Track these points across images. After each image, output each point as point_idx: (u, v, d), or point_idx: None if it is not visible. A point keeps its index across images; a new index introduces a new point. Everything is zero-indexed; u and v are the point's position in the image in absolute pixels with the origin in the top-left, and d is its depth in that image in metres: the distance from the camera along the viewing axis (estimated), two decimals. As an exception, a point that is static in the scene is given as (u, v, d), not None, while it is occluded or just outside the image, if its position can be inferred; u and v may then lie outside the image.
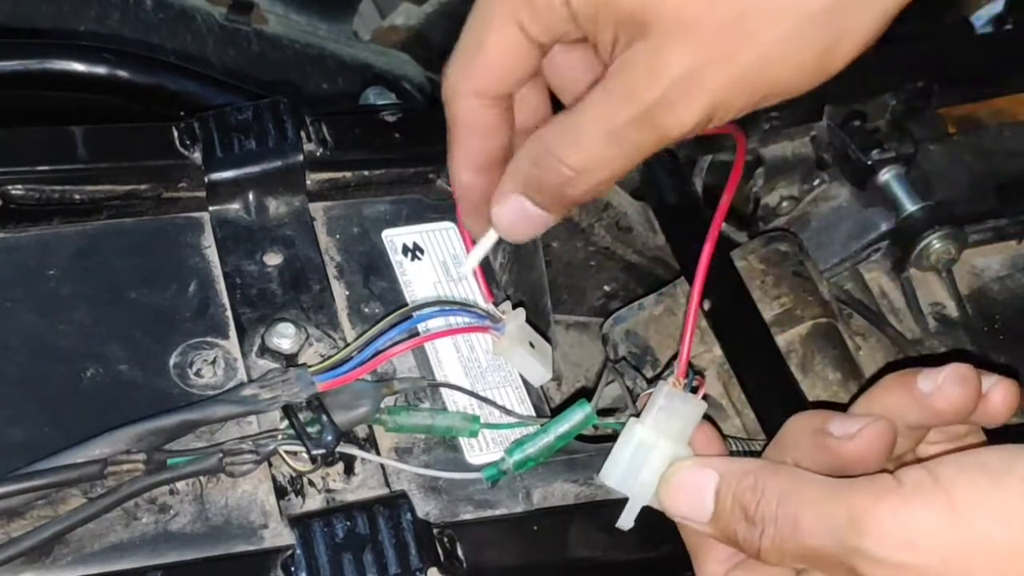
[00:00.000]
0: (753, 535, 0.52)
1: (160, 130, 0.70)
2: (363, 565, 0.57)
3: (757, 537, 0.52)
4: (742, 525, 0.52)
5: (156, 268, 0.67)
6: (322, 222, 0.71)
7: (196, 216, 0.70)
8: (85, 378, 0.62)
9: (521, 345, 0.65)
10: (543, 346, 0.67)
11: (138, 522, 0.58)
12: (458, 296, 0.68)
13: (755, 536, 0.52)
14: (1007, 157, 0.82)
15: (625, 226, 0.77)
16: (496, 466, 0.62)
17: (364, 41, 1.12)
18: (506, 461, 0.62)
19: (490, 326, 0.66)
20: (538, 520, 0.62)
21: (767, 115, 0.77)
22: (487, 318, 0.66)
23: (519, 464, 0.62)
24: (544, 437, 0.62)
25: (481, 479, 0.62)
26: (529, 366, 0.66)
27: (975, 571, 0.46)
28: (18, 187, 0.67)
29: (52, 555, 0.57)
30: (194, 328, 0.65)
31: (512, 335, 0.65)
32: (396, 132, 0.74)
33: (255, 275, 0.67)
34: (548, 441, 0.62)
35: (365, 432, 0.63)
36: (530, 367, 0.66)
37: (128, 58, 0.86)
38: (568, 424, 0.62)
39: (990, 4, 1.12)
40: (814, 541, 0.49)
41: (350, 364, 0.62)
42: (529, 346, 0.66)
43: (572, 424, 0.62)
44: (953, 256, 0.77)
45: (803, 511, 0.50)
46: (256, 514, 0.60)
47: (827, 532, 0.49)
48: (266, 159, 0.70)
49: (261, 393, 0.60)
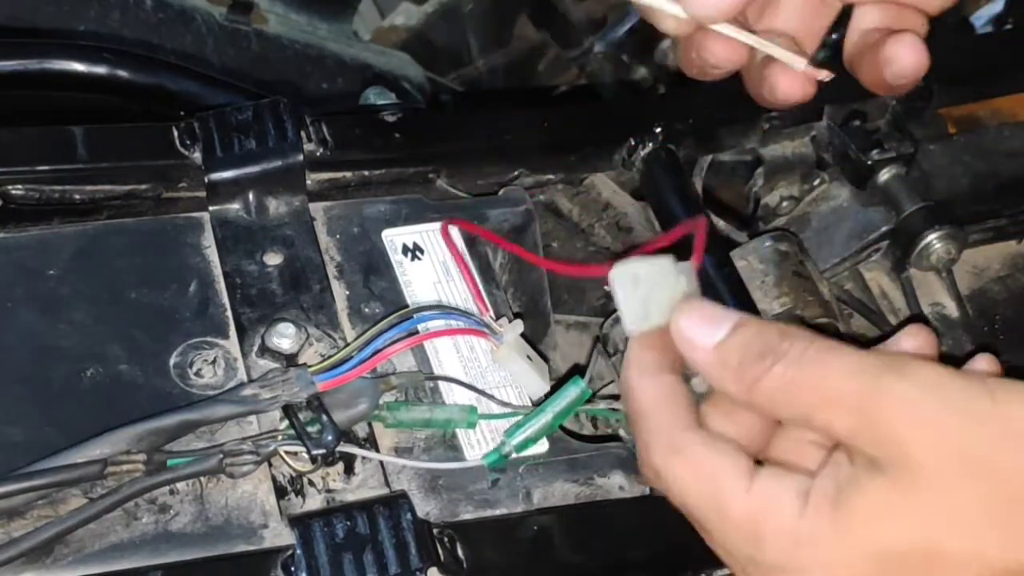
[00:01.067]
0: (758, 368, 0.49)
1: (160, 130, 0.71)
2: (363, 565, 0.57)
3: (762, 370, 0.49)
4: (751, 355, 0.50)
5: (156, 268, 0.67)
6: (322, 222, 0.71)
7: (196, 216, 0.70)
8: (85, 378, 0.62)
9: (520, 355, 0.65)
10: (540, 362, 0.67)
11: (138, 522, 0.58)
12: (458, 297, 0.68)
13: (760, 369, 0.49)
14: (1007, 157, 0.82)
15: (625, 226, 0.77)
16: (498, 451, 0.62)
17: (364, 41, 1.12)
18: (507, 444, 0.62)
19: (489, 332, 0.66)
20: (538, 520, 0.62)
21: (767, 115, 0.77)
22: (486, 325, 0.66)
23: (520, 446, 0.62)
24: (541, 416, 0.63)
25: (482, 478, 0.62)
26: (528, 376, 0.66)
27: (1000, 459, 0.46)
28: (18, 187, 0.67)
29: (52, 555, 0.57)
30: (194, 328, 0.65)
31: (511, 344, 0.65)
32: (396, 132, 0.74)
33: (255, 275, 0.67)
34: (546, 420, 0.62)
35: (365, 432, 0.63)
36: (529, 378, 0.66)
37: (128, 58, 0.86)
38: (564, 401, 0.62)
39: (990, 4, 1.12)
40: (837, 380, 0.48)
41: (350, 363, 0.62)
42: (527, 358, 0.66)
43: (568, 401, 0.62)
44: (953, 256, 0.77)
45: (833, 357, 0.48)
46: (256, 514, 0.60)
47: (857, 371, 0.47)
48: (266, 159, 0.70)
49: (261, 393, 0.60)
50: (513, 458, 0.63)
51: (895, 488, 0.46)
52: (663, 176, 0.76)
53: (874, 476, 0.47)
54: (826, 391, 0.48)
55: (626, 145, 0.76)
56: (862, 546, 0.47)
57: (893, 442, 0.46)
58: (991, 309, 0.80)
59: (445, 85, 1.14)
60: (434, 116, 0.64)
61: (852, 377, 0.47)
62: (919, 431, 0.46)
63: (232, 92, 0.86)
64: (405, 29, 1.13)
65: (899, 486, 0.46)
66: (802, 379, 0.49)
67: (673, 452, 0.51)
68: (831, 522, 0.48)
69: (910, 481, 0.46)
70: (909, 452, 0.46)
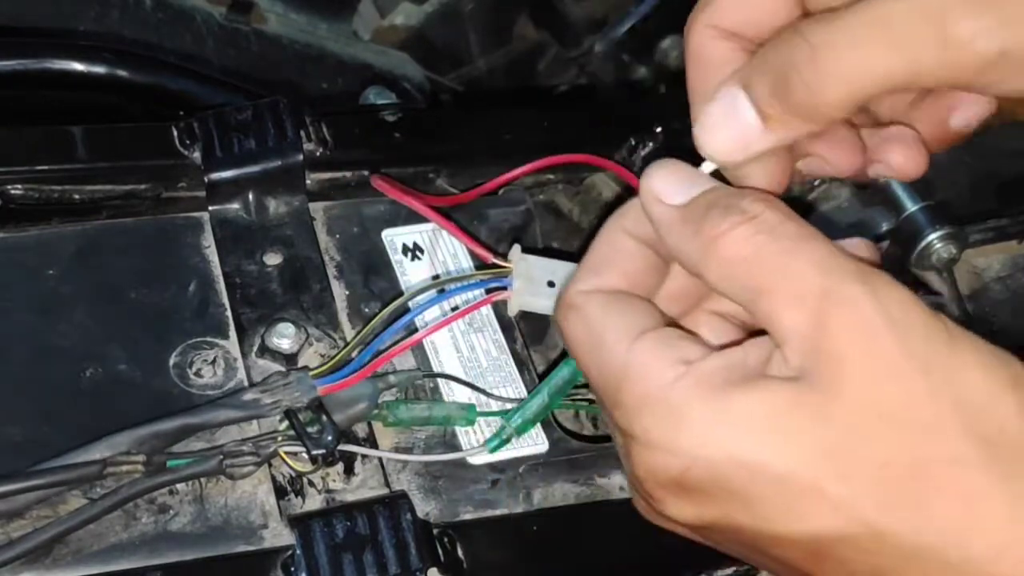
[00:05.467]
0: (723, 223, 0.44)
1: (160, 130, 0.70)
2: (363, 565, 0.57)
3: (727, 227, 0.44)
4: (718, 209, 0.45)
5: (156, 268, 0.67)
6: (322, 222, 0.71)
7: (196, 216, 0.69)
8: (85, 378, 0.62)
9: (535, 293, 0.65)
10: (566, 272, 0.65)
11: (138, 522, 0.58)
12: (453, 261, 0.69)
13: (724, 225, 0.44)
14: (1007, 157, 0.82)
15: (625, 226, 0.77)
16: (498, 435, 0.63)
17: (364, 41, 1.12)
18: (507, 428, 0.62)
19: (496, 290, 0.66)
20: (538, 520, 0.62)
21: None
22: (489, 283, 0.66)
23: (520, 428, 0.62)
24: (538, 398, 0.63)
25: (482, 479, 0.62)
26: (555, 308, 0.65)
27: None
28: (18, 187, 0.67)
29: (52, 555, 0.57)
30: (194, 328, 0.65)
31: (522, 287, 0.65)
32: (396, 132, 0.74)
33: (255, 275, 0.67)
34: (543, 401, 0.63)
35: (365, 432, 0.63)
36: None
37: (128, 58, 0.86)
38: (559, 381, 0.63)
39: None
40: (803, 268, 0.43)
41: (351, 367, 0.62)
42: (547, 286, 0.65)
43: (563, 380, 0.63)
44: (953, 256, 0.77)
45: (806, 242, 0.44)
46: (256, 514, 0.60)
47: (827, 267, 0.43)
48: (266, 159, 0.70)
49: (263, 398, 0.61)
50: (513, 458, 0.63)
51: (800, 405, 0.42)
52: (663, 176, 0.76)
53: (786, 382, 0.42)
54: (788, 277, 0.43)
55: (626, 145, 0.76)
56: (726, 445, 0.42)
57: (830, 358, 0.42)
58: (991, 309, 0.80)
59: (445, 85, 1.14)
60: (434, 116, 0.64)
61: (821, 273, 0.42)
62: (863, 361, 0.41)
63: (232, 92, 0.86)
64: (405, 29, 1.13)
65: (805, 405, 0.42)
66: (767, 253, 0.43)
67: (570, 308, 0.48)
68: (703, 403, 0.43)
69: (820, 405, 0.41)
70: (839, 375, 0.41)
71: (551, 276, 0.65)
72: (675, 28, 1.11)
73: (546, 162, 0.72)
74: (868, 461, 0.41)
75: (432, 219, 0.68)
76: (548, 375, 0.64)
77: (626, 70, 1.16)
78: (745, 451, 0.42)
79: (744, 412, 0.42)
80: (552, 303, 0.65)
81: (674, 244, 0.46)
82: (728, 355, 0.44)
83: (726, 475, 0.43)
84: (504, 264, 0.66)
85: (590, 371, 0.47)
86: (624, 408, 0.45)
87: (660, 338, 0.46)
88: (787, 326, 0.43)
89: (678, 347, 0.45)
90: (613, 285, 0.48)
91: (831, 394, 0.42)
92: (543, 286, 0.65)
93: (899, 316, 0.42)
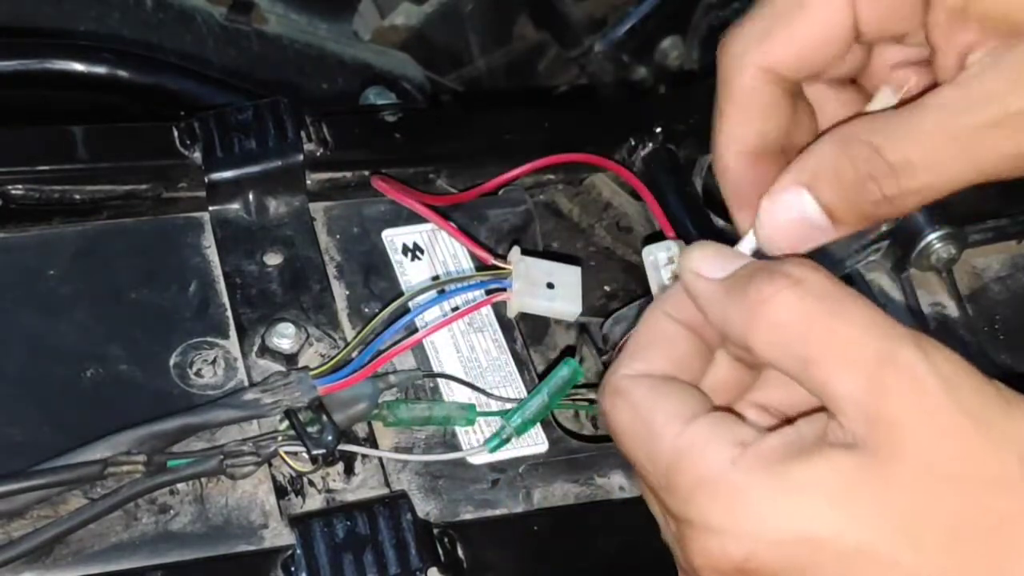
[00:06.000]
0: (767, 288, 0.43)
1: (160, 130, 0.71)
2: (363, 565, 0.57)
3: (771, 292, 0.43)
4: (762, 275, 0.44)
5: (156, 268, 0.67)
6: (322, 222, 0.71)
7: (196, 216, 0.70)
8: (85, 378, 0.62)
9: (534, 295, 0.65)
10: (565, 275, 0.65)
11: (138, 522, 0.58)
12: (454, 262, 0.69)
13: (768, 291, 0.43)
14: (1007, 157, 0.82)
15: (625, 226, 0.77)
16: (498, 435, 0.63)
17: (364, 41, 1.12)
18: (506, 428, 0.62)
19: (495, 291, 0.66)
20: (538, 520, 0.62)
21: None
22: (489, 283, 0.66)
23: (519, 428, 0.62)
24: (537, 398, 0.63)
25: (482, 478, 0.62)
26: (554, 310, 0.65)
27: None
28: (18, 187, 0.67)
29: (52, 555, 0.57)
30: (194, 328, 0.65)
31: (522, 289, 0.65)
32: (396, 132, 0.74)
33: (255, 275, 0.67)
34: (542, 401, 0.63)
35: (365, 432, 0.63)
36: (556, 310, 0.65)
37: (128, 58, 0.86)
38: (558, 381, 0.63)
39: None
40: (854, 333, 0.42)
41: (351, 367, 0.62)
42: (547, 287, 0.65)
43: (562, 380, 0.63)
44: (953, 256, 0.77)
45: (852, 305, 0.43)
46: (256, 514, 0.60)
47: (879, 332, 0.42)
48: (266, 159, 0.70)
49: (263, 398, 0.61)
50: (513, 458, 0.63)
51: (863, 472, 0.41)
52: (663, 176, 0.76)
53: (844, 452, 0.41)
54: (839, 342, 0.42)
55: (626, 145, 0.76)
56: (791, 520, 0.41)
57: (888, 424, 0.41)
58: (991, 309, 0.80)
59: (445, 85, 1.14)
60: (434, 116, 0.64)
61: (874, 338, 0.42)
62: (922, 423, 0.41)
63: (232, 92, 0.86)
64: (405, 29, 1.13)
65: (868, 473, 0.41)
66: (816, 316, 0.42)
67: (616, 392, 0.47)
68: (764, 480, 0.42)
69: (884, 471, 0.41)
70: (899, 439, 0.41)
71: (550, 278, 0.66)
72: (675, 28, 1.12)
73: (546, 162, 0.72)
74: (939, 526, 0.41)
75: (432, 220, 0.68)
76: (548, 375, 0.64)
77: (626, 70, 1.16)
78: (812, 525, 0.41)
79: (806, 482, 0.42)
80: (552, 304, 0.65)
81: (719, 314, 0.45)
82: (783, 433, 0.44)
83: (793, 555, 0.42)
84: (504, 265, 0.66)
85: (638, 457, 0.46)
86: (678, 492, 0.44)
87: (715, 421, 0.45)
88: (842, 393, 0.42)
89: (733, 429, 0.44)
90: (659, 369, 0.47)
91: (893, 459, 0.41)
92: (542, 288, 0.66)
93: (953, 378, 0.42)
